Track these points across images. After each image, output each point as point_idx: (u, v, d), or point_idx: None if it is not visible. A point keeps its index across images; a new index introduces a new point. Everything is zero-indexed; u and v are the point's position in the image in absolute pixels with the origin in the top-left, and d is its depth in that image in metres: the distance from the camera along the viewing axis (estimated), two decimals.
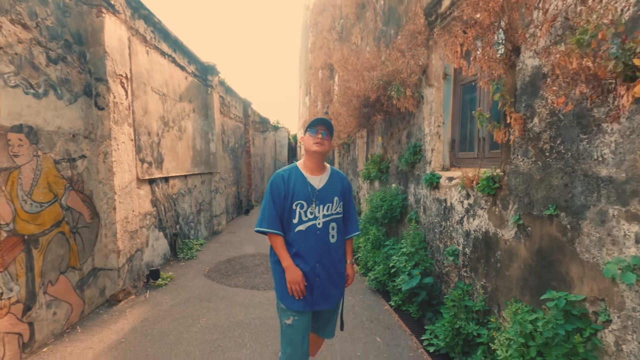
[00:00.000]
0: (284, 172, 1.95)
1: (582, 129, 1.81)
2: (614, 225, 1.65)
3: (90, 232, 3.41)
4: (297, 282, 1.84)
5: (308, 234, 1.89)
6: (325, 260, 1.93)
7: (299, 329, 1.89)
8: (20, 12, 2.64)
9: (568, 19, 1.79)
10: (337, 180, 2.03)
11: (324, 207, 1.93)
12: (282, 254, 1.88)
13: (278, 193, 1.89)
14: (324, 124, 1.91)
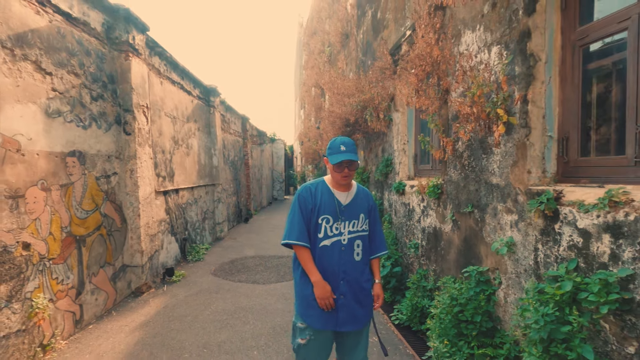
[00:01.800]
0: (312, 185, 1.94)
1: (483, 151, 2.61)
2: (501, 217, 2.44)
3: (120, 235, 4.17)
4: (327, 297, 1.78)
5: (333, 249, 1.85)
6: (350, 277, 1.86)
7: (313, 349, 1.84)
8: (74, 64, 3.45)
9: (469, 75, 2.61)
10: (364, 197, 1.99)
11: (350, 224, 1.88)
12: (311, 268, 1.81)
13: (305, 205, 1.87)
14: (348, 157, 1.80)
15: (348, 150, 1.83)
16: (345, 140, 1.87)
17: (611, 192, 1.62)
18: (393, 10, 4.47)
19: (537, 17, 2.15)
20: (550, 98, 2.16)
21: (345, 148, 1.82)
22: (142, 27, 4.50)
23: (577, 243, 1.81)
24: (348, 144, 1.85)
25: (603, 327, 1.67)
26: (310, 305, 1.83)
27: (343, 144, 1.84)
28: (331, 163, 1.84)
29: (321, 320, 1.82)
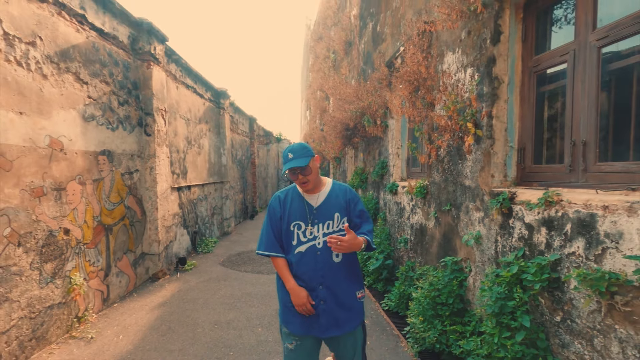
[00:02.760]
0: (281, 194, 1.92)
1: (459, 157, 3.02)
2: (471, 214, 2.85)
3: (140, 226, 4.64)
4: (303, 303, 1.75)
5: (307, 255, 1.80)
6: (330, 281, 1.80)
7: (300, 354, 1.83)
8: (105, 74, 3.92)
9: (447, 93, 3.03)
10: (339, 194, 1.89)
11: (324, 225, 1.82)
12: (285, 275, 1.80)
13: (275, 215, 1.85)
14: (294, 165, 1.74)
15: (295, 156, 1.76)
16: (294, 147, 1.80)
17: (547, 194, 2.03)
18: (390, 26, 4.89)
19: (501, 46, 2.56)
20: (511, 114, 2.57)
21: (293, 155, 1.76)
22: (162, 38, 4.97)
23: (524, 235, 2.22)
24: (296, 150, 1.78)
25: (540, 302, 2.08)
26: (290, 312, 1.81)
27: (291, 151, 1.78)
28: (283, 172, 1.80)
29: (303, 326, 1.79)
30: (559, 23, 2.34)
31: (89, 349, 3.03)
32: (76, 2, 3.44)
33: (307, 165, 1.77)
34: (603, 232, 1.68)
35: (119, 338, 3.24)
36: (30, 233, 2.85)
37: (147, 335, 3.32)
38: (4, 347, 2.59)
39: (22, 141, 2.79)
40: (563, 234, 1.92)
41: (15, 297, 2.70)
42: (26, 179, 2.82)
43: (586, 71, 2.03)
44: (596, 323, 1.72)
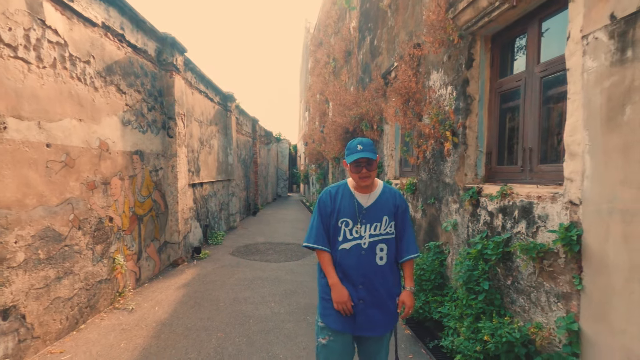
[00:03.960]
0: (332, 189, 1.92)
1: (441, 159, 3.65)
2: (450, 205, 3.48)
3: (164, 217, 5.24)
4: (344, 302, 1.76)
5: (351, 253, 1.81)
6: (371, 283, 1.81)
7: (333, 350, 1.82)
8: (137, 84, 4.51)
9: (431, 106, 3.66)
10: (389, 198, 1.89)
11: (371, 227, 1.82)
12: (329, 271, 1.82)
13: (325, 209, 1.87)
14: (364, 155, 1.75)
15: (365, 149, 1.77)
16: (363, 140, 1.82)
17: (503, 188, 2.66)
18: (386, 42, 5.51)
19: (474, 70, 3.20)
20: (481, 125, 3.21)
21: (362, 147, 1.77)
22: (182, 49, 5.56)
23: (487, 220, 2.85)
24: (366, 143, 1.80)
25: (496, 270, 2.72)
26: (328, 304, 1.82)
27: (360, 144, 1.79)
28: (347, 161, 1.80)
29: (338, 321, 1.80)
30: (516, 54, 2.97)
31: (132, 317, 3.63)
32: (117, 24, 4.03)
33: (375, 159, 1.80)
34: (537, 215, 2.31)
35: (155, 309, 3.84)
36: (86, 219, 3.44)
37: (178, 307, 3.92)
38: (69, 311, 3.19)
39: (81, 143, 3.38)
40: (513, 218, 2.55)
41: (76, 270, 3.29)
42: (83, 174, 3.41)
43: (532, 94, 2.66)
44: (532, 282, 2.35)
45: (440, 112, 3.48)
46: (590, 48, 1.92)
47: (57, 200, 3.05)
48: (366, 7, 6.80)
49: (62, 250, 3.10)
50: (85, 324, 3.40)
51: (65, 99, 3.18)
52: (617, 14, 1.76)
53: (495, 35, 3.10)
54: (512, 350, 2.31)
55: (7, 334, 2.55)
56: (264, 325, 3.53)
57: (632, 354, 1.68)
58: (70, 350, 2.93)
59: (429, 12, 3.51)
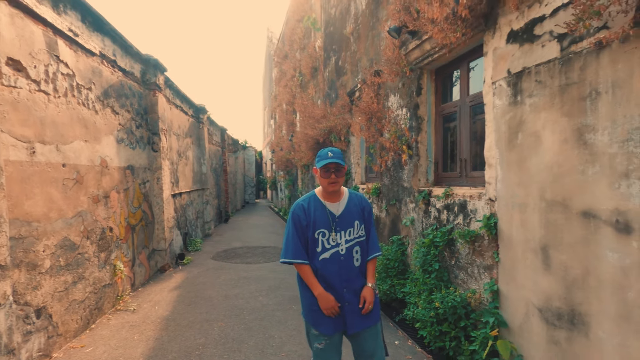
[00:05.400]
0: (304, 202, 1.99)
1: (400, 168, 4.44)
2: (408, 205, 4.26)
3: (151, 226, 5.61)
4: (331, 307, 1.88)
5: (332, 261, 1.92)
6: (353, 284, 1.95)
7: (330, 350, 1.96)
8: (127, 104, 4.90)
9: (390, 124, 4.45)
10: (357, 203, 2.03)
11: (346, 233, 1.95)
12: (313, 283, 1.90)
13: (300, 223, 1.94)
14: (334, 163, 1.88)
15: (335, 157, 1.89)
16: (333, 149, 1.93)
17: (447, 190, 3.47)
18: (350, 64, 6.29)
19: (422, 96, 4.01)
20: (429, 141, 4.03)
21: (332, 155, 1.89)
22: (163, 69, 5.97)
23: (436, 216, 3.65)
24: (336, 152, 1.91)
25: (444, 254, 3.51)
26: (319, 315, 1.92)
27: (331, 152, 1.91)
28: (317, 167, 1.91)
29: (332, 326, 1.93)
30: (454, 86, 3.82)
31: (136, 316, 4.04)
32: (111, 51, 4.43)
33: (344, 166, 1.94)
34: (470, 210, 3.12)
35: (155, 309, 4.27)
36: (92, 230, 3.83)
37: (176, 306, 4.37)
38: (82, 312, 3.57)
39: (87, 161, 3.78)
40: (454, 213, 3.35)
41: (87, 276, 3.67)
42: (90, 189, 3.81)
43: (465, 118, 3.50)
44: (468, 260, 3.16)
45: (398, 129, 4.27)
46: (497, 91, 2.75)
47: (71, 213, 3.44)
48: (330, 30, 7.58)
49: (76, 257, 3.49)
50: (95, 324, 3.77)
51: (75, 123, 3.58)
52: (512, 70, 2.59)
53: (438, 69, 3.93)
54: (455, 312, 3.08)
55: (40, 331, 2.93)
56: (257, 314, 4.09)
57: (529, 301, 2.49)
58: (90, 345, 3.33)
59: (385, 49, 4.30)
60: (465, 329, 3.02)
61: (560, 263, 2.21)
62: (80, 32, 3.70)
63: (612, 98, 1.89)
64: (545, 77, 2.29)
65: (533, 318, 2.44)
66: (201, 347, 3.30)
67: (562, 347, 2.22)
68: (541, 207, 2.34)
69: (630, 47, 1.78)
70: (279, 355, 3.16)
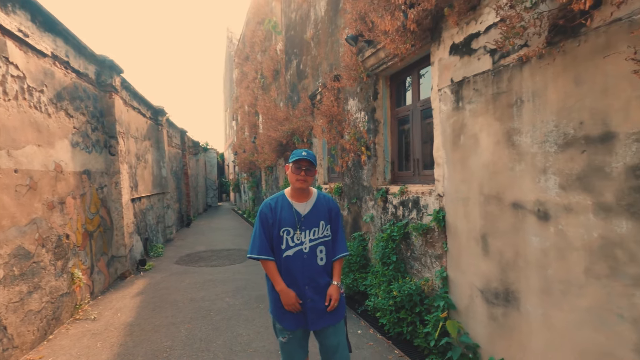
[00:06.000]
0: (272, 201, 2.07)
1: (359, 168, 4.69)
2: (368, 203, 4.52)
3: (110, 232, 5.43)
4: (292, 303, 1.96)
5: (295, 258, 1.99)
6: (315, 283, 2.01)
7: (293, 344, 2.06)
8: (82, 107, 4.74)
9: (350, 127, 4.69)
10: (324, 204, 2.11)
11: (310, 232, 2.01)
12: (276, 279, 1.98)
13: (266, 221, 2.02)
14: (308, 161, 1.98)
15: (308, 156, 1.99)
16: (309, 151, 2.04)
17: (402, 188, 3.75)
18: (311, 67, 6.48)
19: (379, 101, 4.29)
20: (386, 142, 4.31)
21: (306, 154, 2.00)
22: (119, 70, 5.80)
23: (393, 212, 3.93)
24: (309, 152, 2.02)
25: (400, 247, 3.79)
26: (282, 310, 2.01)
27: (305, 151, 2.01)
28: (290, 161, 2.01)
29: (293, 321, 2.01)
30: (407, 91, 4.13)
31: (98, 324, 3.94)
32: (63, 52, 4.28)
33: (315, 166, 2.05)
34: (422, 205, 3.42)
35: (117, 315, 4.18)
36: (48, 237, 3.69)
37: (140, 311, 4.30)
38: (39, 323, 3.44)
39: (41, 167, 3.64)
40: (408, 208, 3.64)
41: (43, 285, 3.54)
42: (44, 195, 3.67)
43: (416, 121, 3.81)
44: (422, 251, 3.45)
45: (357, 131, 4.52)
46: (442, 97, 3.05)
47: (25, 220, 3.31)
48: (291, 33, 7.73)
49: (31, 266, 3.36)
50: (53, 334, 3.64)
51: (27, 127, 3.45)
52: (454, 79, 2.90)
53: (392, 76, 4.23)
54: (411, 299, 3.36)
55: None
56: (224, 315, 4.15)
57: (472, 284, 2.80)
58: (49, 355, 3.23)
59: (344, 55, 4.53)
60: (420, 314, 3.30)
61: (496, 249, 2.54)
62: (31, 33, 3.57)
63: (532, 106, 2.22)
64: (481, 86, 2.60)
65: (476, 299, 2.75)
66: (168, 350, 3.32)
67: (499, 322, 2.54)
68: (480, 201, 2.66)
69: (544, 63, 2.12)
70: (247, 352, 3.26)
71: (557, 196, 2.07)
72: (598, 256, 1.87)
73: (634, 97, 1.69)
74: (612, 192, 1.80)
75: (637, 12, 1.64)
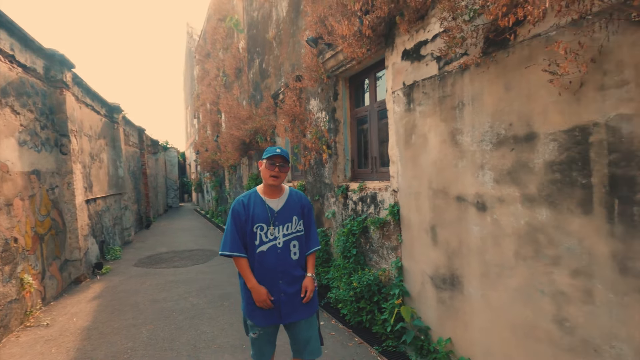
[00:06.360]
0: (244, 198, 2.09)
1: (321, 166, 4.84)
2: (329, 200, 4.69)
3: (63, 235, 5.18)
4: (263, 300, 1.98)
5: (269, 253, 2.02)
6: (289, 277, 2.05)
7: (263, 340, 2.10)
8: (30, 103, 4.49)
9: (311, 126, 4.83)
10: (296, 200, 2.15)
11: (284, 227, 2.05)
12: (247, 275, 2.00)
13: (239, 218, 2.03)
14: (282, 157, 2.02)
15: (282, 152, 2.04)
16: (281, 147, 2.09)
17: (361, 185, 3.94)
18: (273, 67, 6.54)
19: (339, 101, 4.46)
20: (346, 141, 4.49)
21: (280, 151, 2.05)
22: (70, 65, 5.54)
23: (353, 207, 4.12)
24: (284, 150, 2.06)
25: (360, 240, 3.99)
26: (253, 307, 2.03)
27: (279, 148, 2.06)
28: (264, 157, 2.04)
29: (265, 318, 2.04)
30: (365, 92, 4.33)
31: (51, 330, 3.78)
32: (8, 45, 4.04)
33: (289, 162, 2.11)
34: (379, 200, 3.63)
35: (73, 320, 4.03)
36: None
37: (97, 316, 4.17)
38: None
39: None
40: (367, 204, 3.84)
41: None
42: None
43: (374, 121, 4.02)
44: (379, 243, 3.67)
45: (318, 130, 4.67)
46: (396, 99, 3.27)
47: None
48: (253, 32, 7.73)
49: None
50: (1, 343, 3.46)
51: None
52: (406, 83, 3.12)
53: (351, 77, 4.41)
54: (370, 289, 3.56)
55: None
56: (187, 314, 4.14)
57: (424, 272, 3.04)
58: None
59: (305, 56, 4.66)
60: (378, 303, 3.51)
61: (443, 238, 2.78)
62: None
63: (472, 108, 2.47)
64: (429, 90, 2.84)
65: (427, 285, 3.00)
66: (130, 351, 3.28)
67: (447, 305, 2.80)
68: (430, 195, 2.89)
69: (481, 70, 2.37)
70: (211, 348, 3.30)
71: (492, 189, 2.33)
72: (525, 241, 2.14)
73: (551, 102, 1.96)
74: (535, 184, 2.07)
75: (552, 29, 1.91)
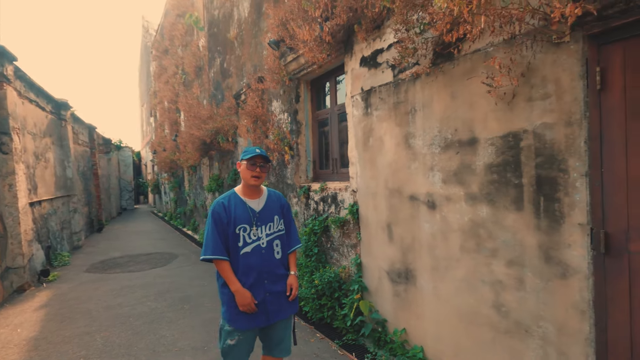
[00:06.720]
0: (224, 200, 2.07)
1: (283, 166, 4.91)
2: (292, 200, 4.76)
3: (4, 241, 4.80)
4: (248, 303, 1.94)
5: (253, 254, 2.01)
6: (273, 276, 2.06)
7: (242, 347, 2.03)
8: None
9: (278, 126, 4.89)
10: (275, 200, 2.18)
11: (266, 227, 2.06)
12: (230, 278, 1.96)
13: (220, 220, 2.00)
14: (262, 157, 2.04)
15: (262, 153, 2.04)
16: (260, 147, 2.10)
17: (322, 185, 4.06)
18: (235, 67, 6.50)
19: (301, 103, 4.55)
20: (308, 142, 4.60)
21: (260, 151, 2.05)
22: (12, 58, 5.15)
23: (315, 207, 4.23)
24: (263, 151, 2.08)
25: (321, 239, 4.11)
26: (236, 311, 1.99)
27: (258, 149, 2.06)
28: (244, 158, 2.02)
29: (249, 321, 1.99)
30: (326, 95, 4.46)
31: None
32: None
33: (269, 161, 2.13)
34: (339, 200, 3.76)
35: (17, 331, 3.77)
36: None
37: (45, 325, 3.93)
38: None
39: None
40: (328, 204, 3.97)
41: None
42: None
43: (334, 124, 4.16)
44: (340, 241, 3.80)
45: (281, 132, 4.73)
46: (355, 103, 3.43)
47: None
48: (214, 31, 7.61)
49: None
50: None
51: None
52: (364, 88, 3.28)
53: (312, 80, 4.52)
54: (331, 286, 3.68)
55: None
56: (145, 319, 4.02)
57: (381, 267, 3.22)
58: None
59: (267, 58, 4.70)
60: (338, 299, 3.65)
61: (398, 235, 2.97)
62: None
63: (423, 114, 2.67)
64: (385, 96, 3.01)
65: (384, 280, 3.17)
66: (83, 359, 3.14)
67: (402, 297, 2.99)
68: (386, 194, 3.07)
69: (431, 79, 2.57)
70: (172, 351, 3.26)
71: (441, 189, 2.54)
72: (469, 235, 2.37)
73: (489, 110, 2.19)
74: (476, 184, 2.29)
75: (489, 46, 2.14)
